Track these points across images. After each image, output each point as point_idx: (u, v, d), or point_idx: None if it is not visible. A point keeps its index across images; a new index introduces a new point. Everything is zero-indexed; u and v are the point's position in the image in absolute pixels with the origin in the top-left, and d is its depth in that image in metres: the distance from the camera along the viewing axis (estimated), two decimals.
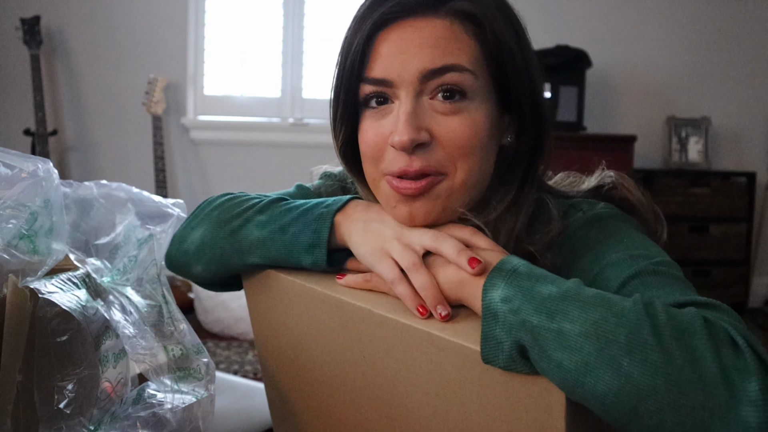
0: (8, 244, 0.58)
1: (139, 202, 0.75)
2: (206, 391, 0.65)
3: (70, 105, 3.14)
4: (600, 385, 0.45)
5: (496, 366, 0.51)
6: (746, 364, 0.43)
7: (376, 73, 0.62)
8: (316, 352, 0.69)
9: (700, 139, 3.13)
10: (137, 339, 0.64)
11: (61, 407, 0.56)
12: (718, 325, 0.46)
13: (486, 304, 0.52)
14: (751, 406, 0.42)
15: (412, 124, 0.60)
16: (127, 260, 0.71)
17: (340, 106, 0.66)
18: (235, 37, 3.16)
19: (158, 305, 0.70)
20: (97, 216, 0.73)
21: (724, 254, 2.97)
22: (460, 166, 0.62)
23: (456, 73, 0.61)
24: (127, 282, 0.70)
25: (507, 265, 0.53)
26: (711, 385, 0.43)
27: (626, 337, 0.45)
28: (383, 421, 0.64)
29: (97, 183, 0.74)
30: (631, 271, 0.57)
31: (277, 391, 0.79)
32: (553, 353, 0.47)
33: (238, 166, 3.14)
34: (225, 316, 2.53)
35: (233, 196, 0.75)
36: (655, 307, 0.47)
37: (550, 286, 0.50)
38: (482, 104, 0.63)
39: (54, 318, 0.57)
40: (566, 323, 0.47)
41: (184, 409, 0.62)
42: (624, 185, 0.72)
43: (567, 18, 3.03)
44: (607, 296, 0.49)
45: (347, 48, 0.65)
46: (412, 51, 0.61)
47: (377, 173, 0.65)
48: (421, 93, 0.62)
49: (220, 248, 0.71)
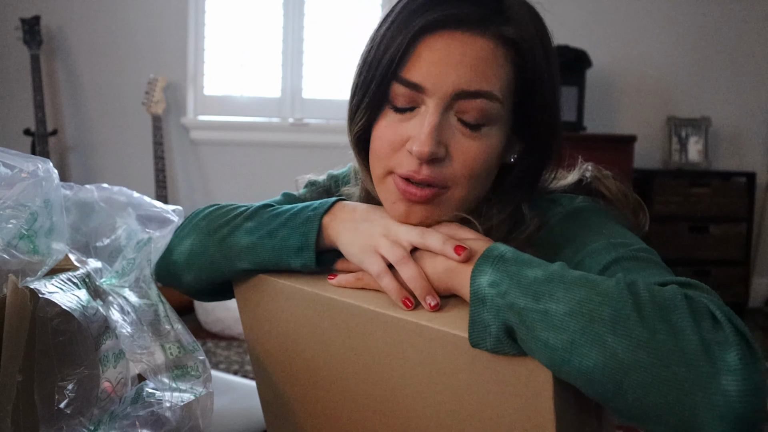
0: (8, 244, 0.58)
1: (139, 206, 0.75)
2: (204, 389, 0.65)
3: (70, 105, 3.14)
4: (586, 361, 0.47)
5: (484, 349, 0.52)
6: (725, 336, 0.45)
7: (412, 76, 0.62)
8: (308, 352, 0.69)
9: (700, 139, 3.13)
10: (135, 338, 0.64)
11: (61, 407, 0.56)
12: (698, 301, 0.47)
13: (474, 289, 0.53)
14: (731, 375, 0.43)
15: (435, 138, 0.61)
16: (125, 263, 0.71)
17: (367, 96, 0.65)
18: (235, 37, 3.16)
19: (154, 305, 0.70)
20: (98, 219, 0.73)
21: (724, 254, 2.97)
22: (464, 184, 0.64)
23: (486, 100, 0.61)
24: (125, 284, 0.70)
25: (494, 251, 0.55)
26: (693, 358, 0.44)
27: (610, 314, 0.47)
28: (378, 417, 0.65)
29: (98, 186, 0.75)
30: (610, 258, 0.58)
31: (270, 394, 0.79)
32: (539, 333, 0.49)
33: (238, 166, 3.14)
34: (225, 316, 2.53)
35: (220, 206, 0.76)
36: (638, 286, 0.48)
37: (536, 270, 0.52)
38: (499, 130, 0.64)
39: (54, 318, 0.57)
40: (552, 304, 0.49)
41: (183, 408, 0.62)
42: (600, 179, 0.73)
43: (567, 18, 3.03)
44: (591, 277, 0.50)
45: (388, 42, 0.63)
46: (453, 65, 0.61)
47: (384, 170, 0.66)
48: (449, 108, 0.62)
49: (210, 256, 0.72)
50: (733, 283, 2.98)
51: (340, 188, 0.84)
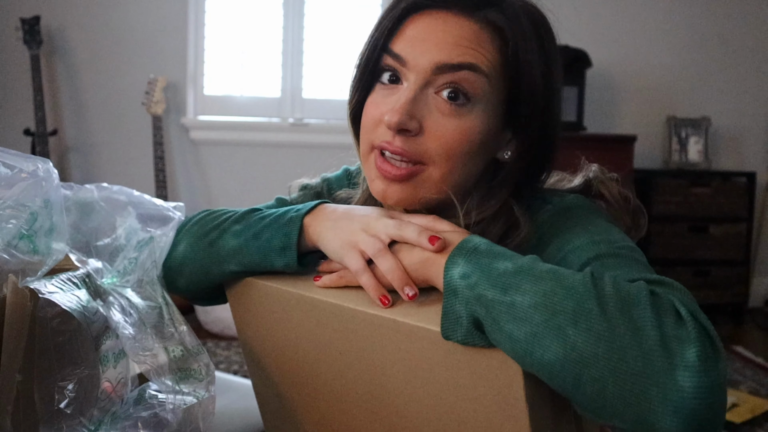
0: (8, 244, 0.58)
1: (140, 205, 0.75)
2: (207, 392, 0.65)
3: (70, 105, 3.14)
4: (547, 354, 0.47)
5: (455, 341, 0.53)
6: (687, 333, 0.45)
7: (396, 48, 0.65)
8: (298, 353, 0.70)
9: (700, 139, 3.13)
10: (137, 340, 0.64)
11: (61, 407, 0.56)
12: (663, 297, 0.48)
13: (447, 281, 0.54)
14: (688, 371, 0.43)
15: (407, 110, 0.63)
16: (127, 262, 0.71)
17: (360, 72, 0.69)
18: (235, 37, 3.16)
19: (158, 306, 0.70)
20: (98, 219, 0.73)
21: (724, 254, 2.96)
22: (441, 163, 0.64)
23: (471, 72, 0.63)
24: (127, 283, 0.70)
25: (468, 243, 0.56)
26: (650, 353, 0.44)
27: (573, 307, 0.47)
28: (365, 415, 0.66)
29: (98, 186, 0.75)
30: (592, 254, 0.59)
31: (266, 394, 0.80)
32: (504, 325, 0.49)
33: (238, 166, 3.14)
34: (225, 316, 2.53)
35: (211, 211, 0.78)
36: (604, 280, 0.49)
37: (507, 262, 0.52)
38: (483, 113, 0.65)
39: (54, 318, 0.57)
40: (518, 296, 0.49)
41: (185, 410, 0.62)
42: (603, 182, 0.73)
43: (567, 18, 3.02)
44: (559, 271, 0.51)
45: (379, 21, 0.68)
46: (433, 42, 0.63)
47: (367, 145, 0.68)
48: (428, 84, 0.64)
49: (200, 260, 0.73)
50: (733, 283, 2.98)
51: (332, 191, 0.85)
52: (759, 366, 2.37)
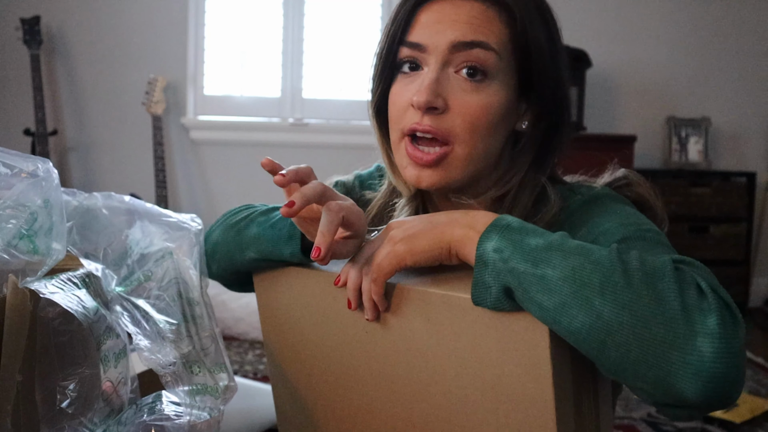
0: (8, 244, 0.58)
1: (149, 216, 0.76)
2: (218, 411, 0.66)
3: (70, 105, 3.14)
4: (575, 322, 0.50)
5: (485, 306, 0.55)
6: (708, 304, 0.48)
7: (413, 38, 0.70)
8: (322, 338, 0.71)
9: (700, 139, 3.13)
10: (153, 352, 0.65)
11: (62, 407, 0.56)
12: (687, 272, 0.51)
13: (479, 253, 0.56)
14: (708, 337, 0.46)
15: (433, 89, 0.67)
16: (142, 274, 0.71)
17: (380, 65, 0.74)
18: (235, 37, 3.16)
19: (177, 323, 0.70)
20: (105, 227, 0.73)
21: (724, 254, 2.97)
22: (466, 139, 0.69)
23: (482, 50, 0.68)
24: (139, 296, 0.70)
25: (502, 221, 0.58)
26: (672, 321, 0.47)
27: (600, 280, 0.50)
28: (387, 400, 0.66)
29: (105, 194, 0.75)
30: (619, 236, 0.63)
31: (284, 386, 0.80)
32: (535, 295, 0.52)
33: (238, 166, 3.14)
34: (225, 316, 2.53)
35: (249, 205, 0.83)
36: (630, 255, 0.52)
37: (538, 239, 0.55)
38: (501, 87, 0.70)
39: (55, 318, 0.57)
40: (549, 269, 0.52)
41: (191, 427, 0.62)
42: (639, 182, 0.77)
43: (567, 18, 3.02)
44: (587, 246, 0.54)
45: (394, 16, 0.73)
46: (447, 23, 0.69)
47: (398, 133, 0.72)
48: (448, 63, 0.69)
49: (228, 246, 0.78)
50: (733, 283, 2.98)
51: (364, 188, 0.88)
52: (759, 366, 2.37)
